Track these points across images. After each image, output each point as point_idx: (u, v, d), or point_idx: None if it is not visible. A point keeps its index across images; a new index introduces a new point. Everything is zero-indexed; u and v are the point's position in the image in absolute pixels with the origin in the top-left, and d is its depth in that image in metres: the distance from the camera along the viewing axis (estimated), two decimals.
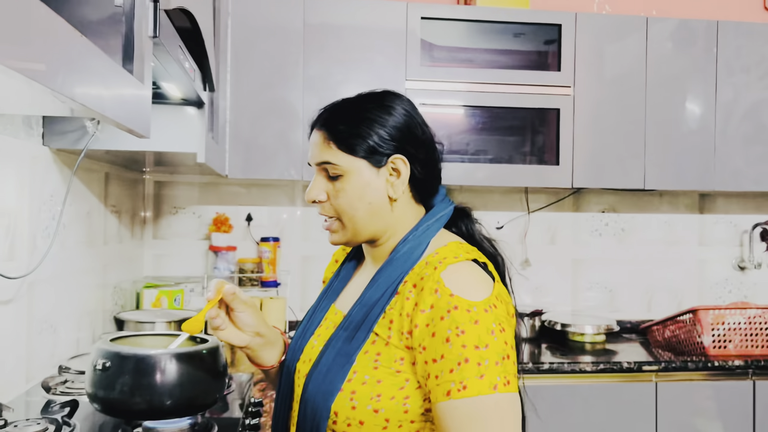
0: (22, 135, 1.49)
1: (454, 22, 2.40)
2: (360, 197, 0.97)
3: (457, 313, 0.86)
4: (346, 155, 0.97)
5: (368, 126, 0.97)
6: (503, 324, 0.88)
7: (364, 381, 0.90)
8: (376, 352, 0.91)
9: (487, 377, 0.83)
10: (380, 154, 0.97)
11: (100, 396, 1.10)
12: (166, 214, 2.60)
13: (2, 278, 1.33)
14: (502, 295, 0.92)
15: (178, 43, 1.25)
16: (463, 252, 0.94)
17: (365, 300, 0.96)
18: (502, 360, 0.85)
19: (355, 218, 0.98)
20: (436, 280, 0.89)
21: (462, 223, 1.05)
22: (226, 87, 2.25)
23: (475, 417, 0.83)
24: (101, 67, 0.80)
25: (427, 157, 1.00)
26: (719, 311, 2.34)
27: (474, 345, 0.84)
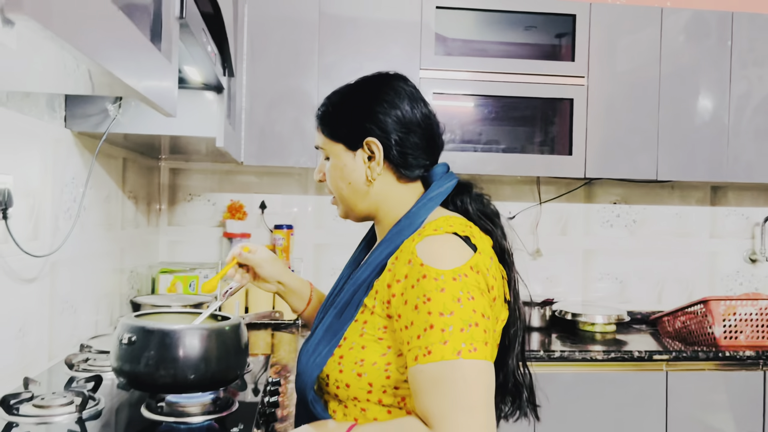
0: (46, 117, 1.51)
1: (469, 12, 2.41)
2: (341, 177, 1.05)
3: (425, 281, 0.89)
4: (328, 140, 1.06)
5: (346, 111, 1.04)
6: (473, 293, 0.89)
7: (351, 347, 0.96)
8: (364, 320, 0.96)
9: (450, 343, 0.85)
10: (354, 138, 1.03)
11: (125, 370, 1.12)
12: (181, 201, 2.63)
13: (27, 256, 1.36)
14: (479, 266, 0.92)
15: (202, 26, 1.28)
16: (446, 225, 0.96)
17: (355, 279, 1.01)
18: (468, 327, 0.86)
19: (342, 196, 1.07)
20: (411, 251, 0.93)
21: (458, 200, 1.07)
22: (242, 75, 2.27)
23: (438, 380, 0.84)
24: (134, 43, 0.82)
25: (404, 137, 1.02)
26: (731, 302, 2.35)
27: (439, 312, 0.86)
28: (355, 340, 0.96)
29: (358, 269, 1.03)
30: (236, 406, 1.25)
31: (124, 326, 1.13)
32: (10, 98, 1.33)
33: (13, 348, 1.37)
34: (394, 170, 1.04)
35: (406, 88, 1.06)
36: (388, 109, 1.02)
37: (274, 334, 2.29)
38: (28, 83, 1.20)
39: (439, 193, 1.04)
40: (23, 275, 1.40)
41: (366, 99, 1.04)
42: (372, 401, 0.96)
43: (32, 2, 0.50)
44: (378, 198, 1.05)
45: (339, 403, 0.99)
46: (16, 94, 1.35)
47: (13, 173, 1.33)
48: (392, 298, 0.93)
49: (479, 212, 1.06)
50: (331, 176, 1.07)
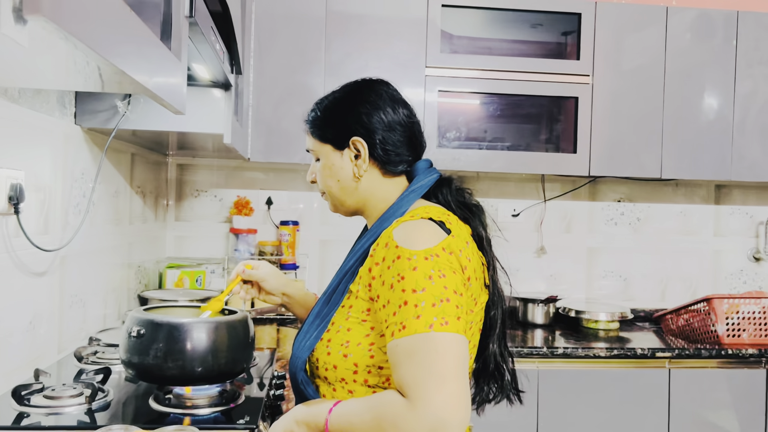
0: (56, 113, 1.54)
1: (474, 10, 2.42)
2: (330, 176, 1.13)
3: (399, 261, 0.94)
4: (317, 141, 1.14)
5: (333, 115, 1.12)
6: (444, 271, 0.93)
7: (338, 330, 1.03)
8: (350, 305, 1.03)
9: (423, 317, 0.89)
10: (341, 138, 1.11)
11: (134, 362, 1.14)
12: (188, 197, 2.66)
13: (38, 250, 1.38)
14: (452, 247, 0.97)
15: (210, 24, 1.29)
16: (422, 212, 1.02)
17: (342, 267, 1.09)
18: (439, 302, 0.90)
19: (332, 193, 1.15)
20: (388, 235, 0.99)
21: (440, 192, 1.13)
22: (250, 72, 2.29)
23: (411, 352, 0.88)
24: (145, 42, 0.84)
25: (388, 136, 1.10)
26: (734, 300, 2.35)
27: (411, 289, 0.91)
28: (341, 324, 1.03)
29: (346, 258, 1.11)
30: (242, 398, 1.28)
31: (133, 319, 1.15)
32: (22, 95, 1.35)
33: (24, 340, 1.39)
34: (379, 167, 1.11)
35: (388, 91, 1.13)
36: (371, 110, 1.10)
37: (279, 329, 2.32)
38: (40, 80, 1.22)
39: (420, 185, 1.10)
40: (34, 269, 1.43)
41: (350, 102, 1.12)
42: (358, 382, 1.01)
43: (49, 4, 0.52)
44: (365, 193, 1.12)
45: (328, 385, 1.05)
46: (27, 91, 1.38)
47: (24, 168, 1.35)
48: (372, 281, 0.99)
49: (459, 203, 1.12)
50: (321, 176, 1.14)
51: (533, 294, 2.66)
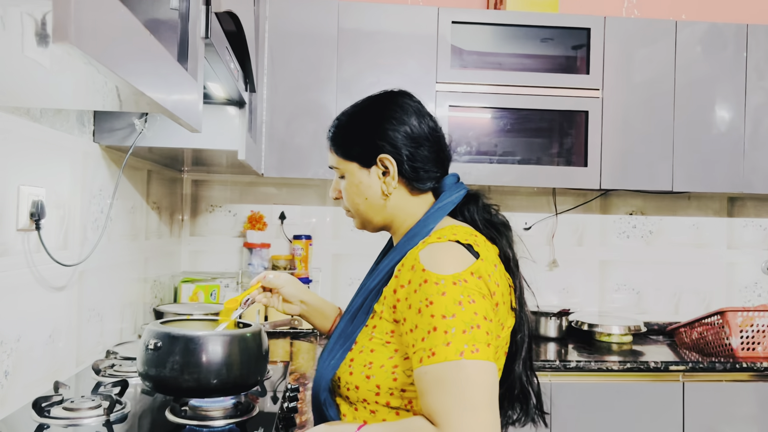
0: (76, 132, 1.58)
1: (484, 26, 2.45)
2: (357, 194, 1.10)
3: (426, 286, 0.92)
4: (342, 160, 1.11)
5: (357, 131, 1.09)
6: (474, 296, 0.92)
7: (361, 350, 1.01)
8: (373, 325, 1.01)
9: (453, 344, 0.88)
10: (368, 156, 1.08)
11: (151, 374, 1.17)
12: (203, 212, 2.69)
13: (58, 265, 1.42)
14: (480, 272, 0.95)
15: (225, 44, 1.33)
16: (450, 234, 1.00)
17: (366, 286, 1.06)
18: (470, 329, 0.89)
19: (359, 211, 1.12)
20: (414, 257, 0.97)
21: (466, 210, 1.11)
22: (263, 89, 2.33)
23: (441, 380, 0.87)
24: (163, 64, 0.87)
25: (416, 152, 1.07)
26: (748, 313, 2.34)
27: (441, 314, 0.90)
28: (365, 344, 1.01)
29: (369, 277, 1.09)
30: (256, 411, 1.29)
31: (151, 332, 1.18)
32: (44, 114, 1.40)
33: (44, 353, 1.42)
34: (406, 184, 1.09)
35: (412, 104, 1.10)
36: (397, 126, 1.07)
37: (292, 342, 2.34)
38: (60, 100, 1.26)
39: (447, 202, 1.08)
40: (54, 283, 1.46)
41: (375, 117, 1.09)
42: (380, 403, 0.99)
43: (76, 32, 0.55)
44: (393, 210, 1.10)
45: (350, 405, 1.03)
46: (48, 111, 1.42)
47: (45, 186, 1.39)
48: (397, 303, 0.97)
49: (486, 222, 1.10)
50: (347, 194, 1.12)
51: (546, 307, 2.66)
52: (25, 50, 0.83)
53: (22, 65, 0.89)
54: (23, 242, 1.31)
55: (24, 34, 0.77)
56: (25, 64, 0.88)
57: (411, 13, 2.40)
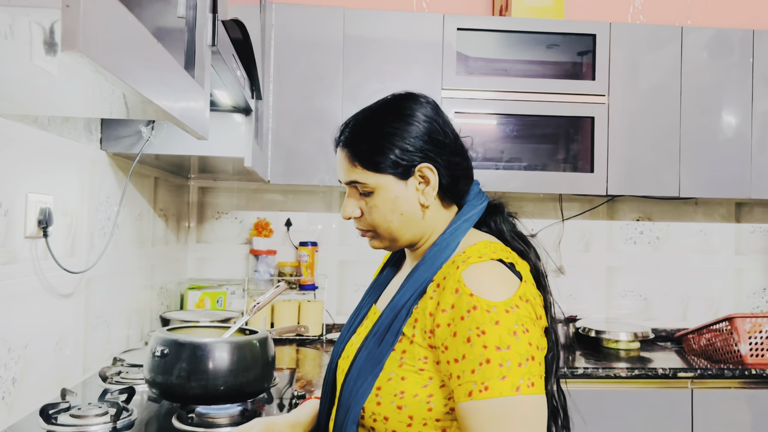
0: (83, 139, 1.59)
1: (490, 33, 2.45)
2: (392, 210, 0.99)
3: (476, 313, 0.86)
4: (372, 173, 0.99)
5: (389, 140, 0.98)
6: (527, 325, 0.87)
7: (389, 377, 0.92)
8: (402, 350, 0.93)
9: (509, 378, 0.83)
10: (405, 166, 0.98)
11: (158, 381, 1.17)
12: (210, 219, 2.70)
13: (65, 272, 1.42)
14: (527, 295, 0.90)
15: (232, 52, 1.34)
16: (489, 251, 0.94)
17: (393, 304, 0.98)
18: (525, 361, 0.84)
19: (390, 229, 1.01)
20: (456, 279, 0.90)
21: (492, 221, 1.06)
22: (269, 96, 2.34)
23: (497, 418, 0.83)
24: (170, 72, 0.88)
25: (452, 160, 1.01)
26: (757, 319, 2.33)
27: (495, 346, 0.84)
28: (393, 371, 0.93)
29: (397, 293, 0.99)
30: None
31: (157, 339, 1.18)
32: (51, 122, 1.40)
33: (51, 360, 1.43)
34: (440, 195, 1.02)
35: (436, 109, 1.04)
36: (428, 131, 1.00)
37: (299, 349, 2.33)
38: (68, 108, 1.26)
39: (473, 214, 1.02)
40: (61, 291, 1.47)
41: (405, 124, 0.99)
42: None
43: (85, 40, 0.55)
44: (427, 224, 1.02)
45: None
46: (56, 119, 1.43)
47: (53, 193, 1.40)
48: (436, 329, 0.90)
49: (513, 233, 1.05)
50: (379, 211, 1.00)
51: (563, 314, 2.65)
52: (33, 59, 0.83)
53: (31, 74, 0.90)
54: (31, 249, 1.32)
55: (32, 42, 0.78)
56: (34, 72, 0.89)
57: (416, 20, 2.40)
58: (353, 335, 1.08)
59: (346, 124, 1.05)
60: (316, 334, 2.50)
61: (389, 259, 1.19)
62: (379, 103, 1.05)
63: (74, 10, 0.53)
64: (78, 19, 0.53)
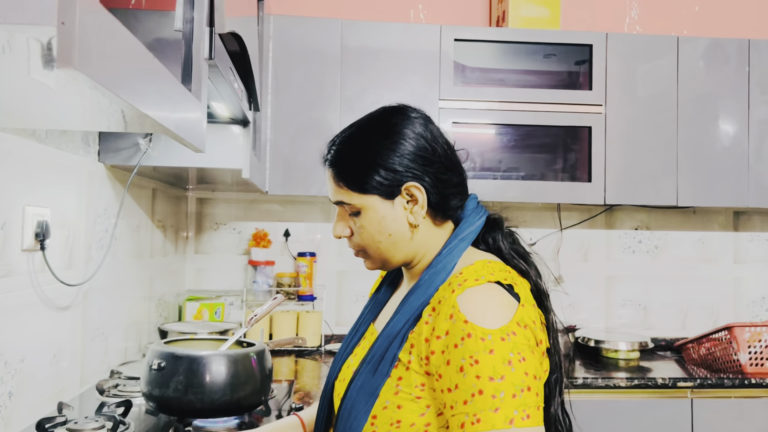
0: (81, 152, 1.59)
1: (487, 43, 2.46)
2: (380, 231, 0.97)
3: (470, 341, 0.83)
4: (357, 194, 0.97)
5: (374, 160, 0.96)
6: (524, 353, 0.83)
7: (385, 406, 0.89)
8: (398, 376, 0.90)
9: (502, 410, 0.80)
10: (391, 186, 0.95)
11: (155, 394, 1.17)
12: (208, 230, 2.70)
13: (62, 285, 1.42)
14: (525, 320, 0.87)
15: (229, 64, 1.34)
16: (487, 273, 0.90)
17: (388, 330, 0.94)
18: (520, 392, 0.81)
19: (379, 250, 0.99)
20: (452, 304, 0.86)
21: (490, 238, 1.02)
22: (267, 107, 2.34)
23: None
24: (167, 86, 0.88)
25: (441, 177, 0.98)
26: (756, 329, 2.32)
27: (489, 376, 0.81)
28: (389, 399, 0.89)
29: (392, 319, 0.95)
30: None
31: (154, 352, 1.18)
32: (49, 135, 1.41)
33: (48, 374, 1.42)
34: (431, 213, 0.99)
35: (425, 123, 1.00)
36: (416, 147, 0.97)
37: (297, 360, 2.33)
38: (66, 122, 1.27)
39: (471, 231, 0.99)
40: (58, 303, 1.46)
41: (387, 141, 0.96)
42: None
43: (80, 57, 0.56)
44: (418, 244, 0.99)
45: None
46: (54, 132, 1.43)
47: (50, 206, 1.40)
48: (431, 355, 0.87)
49: (512, 251, 1.01)
50: (366, 231, 0.98)
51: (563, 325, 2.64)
52: (31, 73, 0.83)
53: (29, 88, 0.90)
54: (28, 262, 1.31)
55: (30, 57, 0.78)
56: (32, 86, 0.89)
57: (414, 31, 2.41)
58: (350, 355, 1.05)
59: (332, 142, 1.03)
60: (315, 345, 2.50)
61: (386, 276, 1.16)
62: (367, 118, 1.03)
63: (70, 27, 0.54)
64: (73, 36, 0.54)
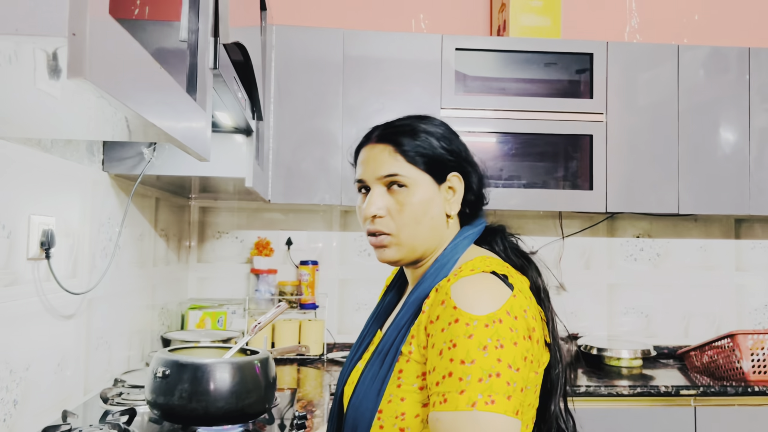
0: (85, 161, 1.60)
1: (488, 53, 2.48)
2: (424, 211, 0.98)
3: (455, 326, 0.85)
4: (414, 168, 0.98)
5: (428, 142, 1.00)
6: (503, 341, 0.83)
7: (389, 399, 0.91)
8: (399, 369, 0.92)
9: (467, 393, 0.80)
10: (441, 170, 1.00)
11: (159, 402, 1.17)
12: (210, 239, 2.71)
13: (67, 294, 1.42)
14: (515, 309, 0.87)
15: (233, 74, 1.35)
16: (483, 265, 0.93)
17: (395, 324, 0.97)
18: (487, 377, 0.81)
19: (416, 233, 0.98)
20: (445, 291, 0.89)
21: (493, 240, 1.06)
22: (270, 116, 2.36)
23: (452, 430, 0.81)
24: (173, 96, 0.89)
25: (478, 177, 1.04)
26: (759, 336, 2.32)
27: (460, 359, 0.82)
28: (392, 392, 0.91)
29: (398, 313, 0.98)
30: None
31: (159, 360, 1.18)
32: (54, 145, 1.42)
33: (52, 382, 1.42)
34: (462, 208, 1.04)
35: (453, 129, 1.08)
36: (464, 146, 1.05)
37: (300, 369, 2.33)
38: (71, 131, 1.28)
39: (473, 232, 1.03)
40: (62, 312, 1.47)
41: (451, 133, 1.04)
42: None
43: (91, 67, 0.57)
44: (443, 236, 1.02)
45: None
46: (59, 141, 1.44)
47: (55, 215, 1.41)
48: (428, 339, 0.89)
49: (513, 250, 1.04)
50: (410, 209, 0.98)
51: (566, 332, 2.64)
52: (36, 83, 0.84)
53: (34, 97, 0.91)
54: (33, 271, 1.32)
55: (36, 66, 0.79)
56: (37, 96, 0.90)
57: (415, 41, 2.43)
58: (358, 361, 1.06)
59: (379, 127, 1.05)
60: (317, 353, 2.50)
61: (391, 283, 1.17)
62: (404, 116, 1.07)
63: (80, 38, 0.55)
64: (84, 47, 0.55)
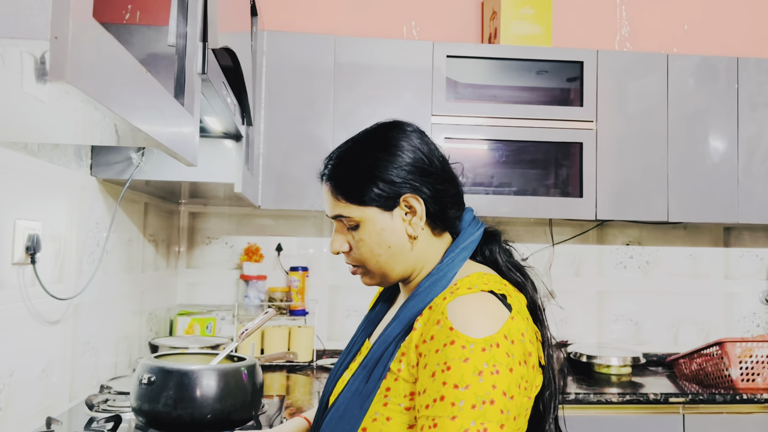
0: (73, 165, 1.59)
1: (479, 60, 2.49)
2: (379, 243, 0.97)
3: (451, 348, 0.82)
4: (356, 206, 0.97)
5: (372, 172, 0.96)
6: (499, 366, 0.81)
7: (374, 418, 0.88)
8: (386, 387, 0.89)
9: (459, 420, 0.78)
10: (389, 198, 0.96)
11: (144, 409, 1.16)
12: (200, 244, 2.69)
13: (52, 299, 1.41)
14: (513, 333, 0.85)
15: (222, 79, 1.35)
16: (481, 283, 0.90)
17: (384, 337, 0.94)
18: (481, 404, 0.78)
19: (379, 264, 0.98)
20: (441, 311, 0.86)
21: (487, 250, 1.02)
22: (260, 122, 2.35)
23: None
24: (159, 100, 0.89)
25: (439, 188, 0.98)
26: (747, 344, 2.33)
27: (454, 383, 0.80)
28: (378, 410, 0.88)
29: (387, 326, 0.95)
30: None
31: (144, 367, 1.17)
32: (41, 149, 1.41)
33: (37, 388, 1.41)
34: (430, 223, 0.99)
35: (421, 137, 1.02)
36: (414, 160, 0.98)
37: (289, 375, 2.32)
38: (58, 136, 1.27)
39: (469, 242, 1.00)
40: (48, 317, 1.45)
41: (384, 154, 0.98)
42: None
43: (73, 71, 0.56)
44: (418, 256, 0.99)
45: None
46: (46, 145, 1.43)
47: (41, 219, 1.40)
48: (420, 358, 0.86)
49: (509, 264, 1.01)
50: (366, 245, 0.97)
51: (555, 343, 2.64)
52: (23, 86, 0.84)
53: (21, 101, 0.90)
54: (18, 276, 1.31)
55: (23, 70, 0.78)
56: (24, 99, 0.89)
57: (406, 48, 2.43)
58: (345, 371, 1.05)
59: (329, 157, 1.04)
60: (307, 360, 2.49)
61: (382, 293, 1.15)
62: (362, 133, 1.04)
63: (62, 41, 0.54)
64: (66, 51, 0.54)
